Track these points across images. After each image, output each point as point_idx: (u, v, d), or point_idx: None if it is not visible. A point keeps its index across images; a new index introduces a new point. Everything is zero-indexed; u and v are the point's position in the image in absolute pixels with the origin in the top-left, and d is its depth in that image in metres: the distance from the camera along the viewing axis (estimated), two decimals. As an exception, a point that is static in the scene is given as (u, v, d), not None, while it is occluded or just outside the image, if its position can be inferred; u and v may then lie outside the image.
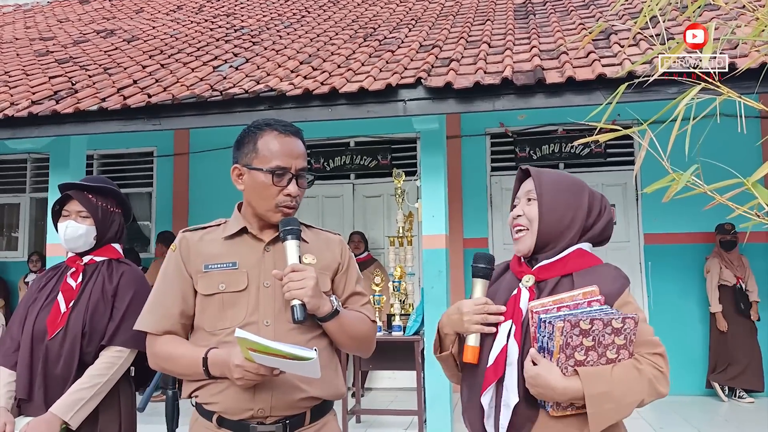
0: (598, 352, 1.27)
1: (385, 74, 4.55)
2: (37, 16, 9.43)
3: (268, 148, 1.56)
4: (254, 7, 8.49)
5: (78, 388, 1.90)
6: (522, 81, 4.08)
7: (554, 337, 1.25)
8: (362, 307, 1.65)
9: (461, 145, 6.45)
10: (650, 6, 1.53)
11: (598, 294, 1.32)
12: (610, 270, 1.42)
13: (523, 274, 1.45)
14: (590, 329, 1.25)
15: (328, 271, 1.61)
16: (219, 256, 1.55)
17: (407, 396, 5.68)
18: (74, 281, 2.03)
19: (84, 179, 2.17)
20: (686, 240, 5.94)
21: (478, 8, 6.87)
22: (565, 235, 1.43)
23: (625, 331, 1.27)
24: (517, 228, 1.48)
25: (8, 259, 7.43)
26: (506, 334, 1.39)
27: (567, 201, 1.45)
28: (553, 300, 1.32)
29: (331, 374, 1.56)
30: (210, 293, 1.53)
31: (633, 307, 1.37)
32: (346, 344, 1.60)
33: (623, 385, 1.27)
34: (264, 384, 1.45)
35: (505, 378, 1.37)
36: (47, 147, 5.25)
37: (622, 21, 5.35)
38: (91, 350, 1.97)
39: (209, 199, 6.76)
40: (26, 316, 2.01)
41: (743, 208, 1.11)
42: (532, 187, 1.47)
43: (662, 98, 3.65)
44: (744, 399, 5.44)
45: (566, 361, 1.26)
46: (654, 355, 1.34)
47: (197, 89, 4.71)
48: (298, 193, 1.58)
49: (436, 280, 4.66)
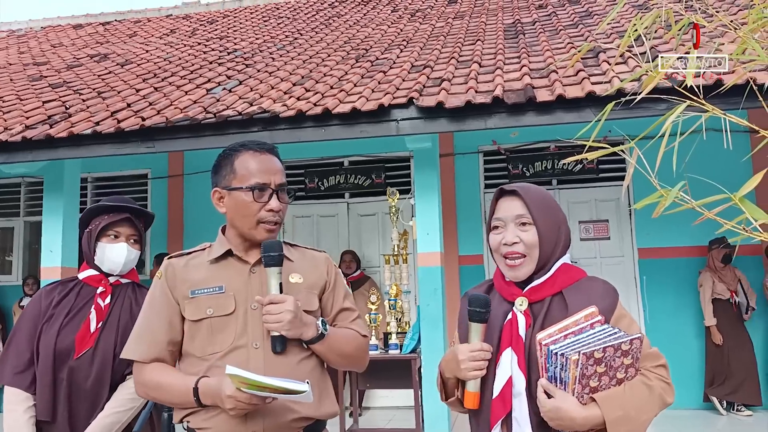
0: (609, 375, 1.28)
1: (378, 94, 4.60)
2: (31, 41, 9.49)
3: (246, 167, 1.57)
4: (247, 29, 8.57)
5: (114, 410, 1.89)
6: (513, 99, 4.13)
7: (568, 369, 1.25)
8: (352, 322, 1.65)
9: (454, 163, 6.49)
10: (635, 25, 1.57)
11: (597, 314, 1.32)
12: (597, 285, 1.42)
13: (514, 296, 1.43)
14: (603, 357, 1.26)
15: (315, 289, 1.62)
16: (205, 281, 1.55)
17: (405, 415, 5.65)
18: (103, 301, 2.02)
19: (110, 199, 2.12)
20: (680, 254, 5.97)
21: (469, 29, 6.96)
22: (555, 253, 1.43)
23: (632, 352, 1.29)
24: (514, 256, 1.42)
25: (2, 283, 7.39)
26: (509, 363, 1.37)
27: (554, 219, 1.45)
28: (558, 329, 1.30)
29: (324, 393, 1.57)
30: (198, 318, 1.52)
31: (628, 319, 1.38)
32: (337, 362, 1.61)
33: (638, 405, 1.28)
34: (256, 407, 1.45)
35: (514, 410, 1.35)
36: (41, 171, 5.26)
37: (610, 40, 5.44)
38: (120, 370, 1.96)
39: (204, 220, 6.73)
40: (41, 334, 1.96)
41: (731, 223, 1.13)
42: (523, 210, 1.43)
43: (651, 115, 3.70)
44: (742, 412, 5.43)
45: (582, 390, 1.27)
46: (658, 367, 1.36)
47: (191, 112, 4.74)
48: (280, 207, 1.59)
49: (431, 297, 4.66)
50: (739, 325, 5.56)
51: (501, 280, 1.49)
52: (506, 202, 1.46)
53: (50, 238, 5.18)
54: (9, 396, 1.93)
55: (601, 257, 6.06)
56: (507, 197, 1.47)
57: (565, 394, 1.27)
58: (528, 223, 1.43)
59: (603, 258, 6.05)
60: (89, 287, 2.06)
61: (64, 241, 5.14)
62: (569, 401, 1.26)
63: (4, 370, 1.97)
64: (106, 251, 2.03)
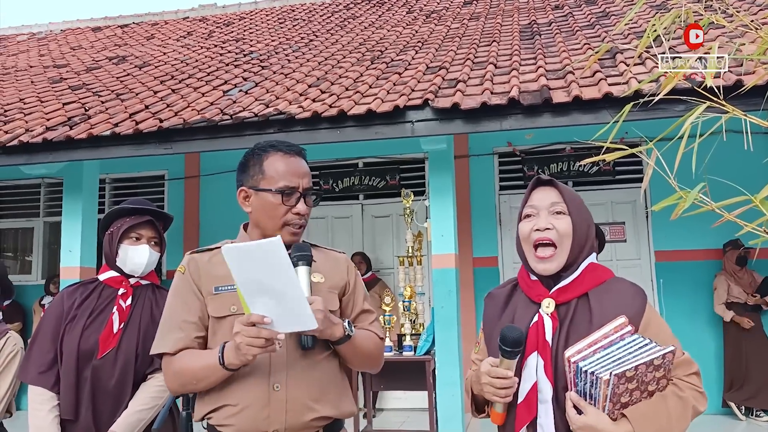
0: (641, 389, 1.25)
1: (393, 96, 4.60)
2: (51, 44, 9.64)
3: (275, 168, 1.58)
4: (263, 32, 8.63)
5: (138, 408, 1.92)
6: (529, 101, 4.11)
7: (599, 387, 1.23)
8: (371, 324, 1.67)
9: (469, 164, 6.47)
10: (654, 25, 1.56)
11: (627, 324, 1.28)
12: (625, 287, 1.38)
13: (540, 297, 1.39)
14: (635, 375, 1.23)
15: (336, 290, 1.62)
16: (228, 278, 1.53)
17: (419, 416, 5.63)
18: (124, 303, 2.05)
19: (131, 201, 2.14)
20: (698, 257, 5.90)
21: (484, 30, 6.95)
22: (585, 250, 1.40)
23: (665, 365, 1.26)
24: (544, 242, 1.38)
25: (22, 282, 7.50)
26: (534, 367, 1.34)
27: (586, 216, 1.43)
28: (587, 343, 1.27)
29: (342, 393, 1.58)
30: (222, 315, 1.53)
31: (657, 323, 1.34)
32: (357, 363, 1.63)
33: (670, 417, 1.26)
34: (278, 405, 1.46)
35: (539, 416, 1.33)
36: (61, 172, 5.33)
37: (627, 40, 5.40)
38: (141, 370, 1.99)
39: (219, 221, 6.80)
40: (64, 334, 1.99)
41: (752, 225, 1.12)
42: (558, 198, 1.41)
43: (669, 116, 3.66)
44: (761, 418, 5.35)
45: (613, 408, 1.25)
46: (690, 375, 1.32)
47: (208, 113, 4.78)
48: (306, 211, 1.60)
49: (446, 299, 4.66)
50: (758, 331, 5.47)
51: (527, 279, 1.46)
52: (541, 192, 1.44)
53: (69, 238, 5.25)
54: (34, 395, 1.96)
55: (618, 260, 6.00)
56: (541, 188, 1.45)
57: (597, 411, 1.24)
58: (562, 213, 1.40)
59: (619, 261, 5.99)
60: (110, 288, 2.08)
61: (83, 242, 5.21)
62: (601, 419, 1.24)
63: (28, 369, 2.00)
64: (129, 253, 2.06)
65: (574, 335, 1.32)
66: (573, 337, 1.32)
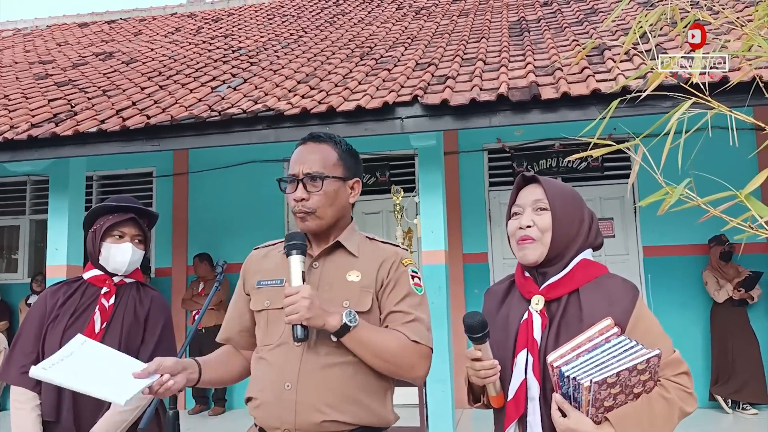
0: (626, 392, 1.24)
1: (382, 92, 4.59)
2: (36, 39, 9.53)
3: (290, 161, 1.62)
4: (251, 28, 8.58)
5: (120, 409, 1.89)
6: (517, 97, 4.12)
7: (581, 392, 1.22)
8: (403, 325, 1.50)
9: (459, 161, 6.48)
10: (640, 22, 1.56)
11: (613, 326, 1.27)
12: (616, 284, 1.38)
13: (531, 293, 1.40)
14: (617, 381, 1.22)
15: (369, 289, 1.53)
16: (272, 272, 1.57)
17: (408, 413, 5.63)
18: (107, 302, 2.03)
19: (114, 199, 2.12)
20: (686, 252, 5.95)
21: (473, 26, 6.95)
22: (572, 247, 1.40)
23: (650, 368, 1.25)
24: (525, 239, 1.41)
25: (8, 281, 7.42)
26: (523, 365, 1.35)
27: (574, 211, 1.43)
28: (571, 347, 1.26)
29: (372, 400, 1.50)
30: (258, 309, 1.57)
31: (646, 323, 1.33)
32: (375, 363, 1.48)
33: (655, 420, 1.25)
34: (288, 405, 1.45)
35: (528, 414, 1.34)
36: (47, 169, 5.28)
37: (615, 37, 5.42)
38: None
39: (209, 218, 6.77)
40: (46, 334, 1.98)
41: (737, 221, 1.12)
42: (541, 196, 1.43)
43: (656, 112, 3.69)
44: (748, 411, 5.41)
45: (596, 412, 1.24)
46: (679, 375, 1.32)
47: (196, 110, 4.75)
48: (304, 196, 1.53)
49: (436, 295, 4.66)
50: (744, 324, 5.53)
51: (520, 276, 1.47)
52: (527, 190, 1.47)
53: (56, 236, 5.20)
54: (16, 395, 1.95)
55: (606, 255, 6.04)
56: (528, 185, 1.48)
57: (580, 415, 1.24)
58: (544, 209, 1.41)
59: (608, 256, 6.03)
60: (94, 287, 2.07)
61: (70, 240, 5.16)
62: (584, 422, 1.24)
63: (10, 369, 1.98)
64: (112, 251, 2.03)
65: (564, 333, 1.32)
66: (563, 334, 1.32)
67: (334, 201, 1.56)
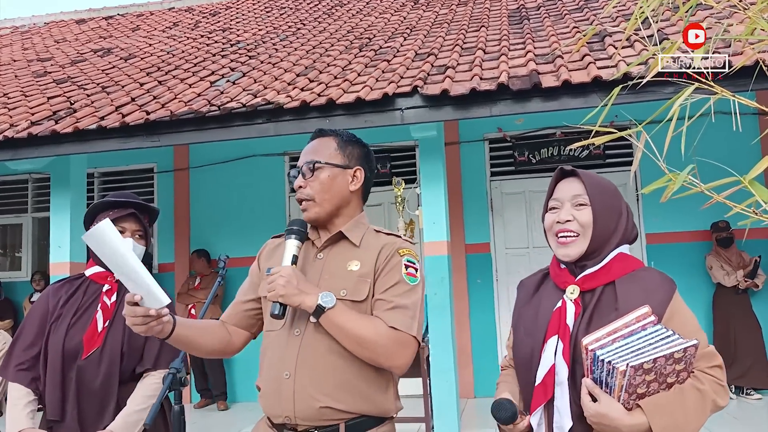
0: (659, 381, 1.24)
1: (382, 84, 4.57)
2: (35, 37, 9.50)
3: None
4: (249, 21, 8.54)
5: (135, 409, 1.90)
6: (518, 86, 4.10)
7: (615, 376, 1.21)
8: (385, 312, 1.49)
9: (460, 151, 6.46)
10: (642, 8, 1.54)
11: (650, 314, 1.25)
12: (652, 276, 1.37)
13: (566, 284, 1.40)
14: (653, 367, 1.20)
15: (367, 278, 1.54)
16: (280, 261, 1.57)
17: (413, 403, 5.64)
18: (109, 300, 2.03)
19: (114, 195, 2.12)
20: (688, 238, 5.94)
21: (473, 15, 6.91)
22: (612, 241, 1.40)
23: (686, 358, 1.23)
24: (565, 233, 1.40)
25: (12, 279, 7.44)
26: (553, 350, 1.34)
27: (612, 205, 1.42)
28: (607, 332, 1.24)
29: (371, 389, 1.51)
30: (265, 295, 1.58)
31: (682, 316, 1.32)
32: (354, 349, 1.46)
33: (688, 411, 1.24)
34: (287, 393, 1.48)
35: (556, 399, 1.33)
36: (48, 167, 5.27)
37: (615, 23, 5.38)
38: (128, 370, 1.97)
39: (210, 212, 6.77)
40: (49, 333, 1.98)
41: (741, 206, 1.11)
42: (580, 191, 1.42)
43: (658, 98, 3.66)
44: (752, 396, 5.42)
45: (628, 398, 1.23)
46: (713, 368, 1.31)
47: (195, 105, 4.73)
48: (302, 184, 1.60)
49: (439, 286, 4.66)
50: (747, 309, 5.53)
51: (556, 268, 1.47)
52: (565, 183, 1.46)
53: (58, 233, 5.20)
54: (12, 392, 1.96)
55: (609, 243, 6.04)
56: (566, 179, 1.47)
57: (610, 400, 1.23)
58: (584, 204, 1.41)
59: (611, 244, 6.03)
60: (96, 284, 2.06)
61: (73, 237, 5.16)
62: (615, 408, 1.22)
63: (8, 366, 1.99)
64: None
65: (597, 321, 1.32)
66: (596, 322, 1.32)
67: (330, 187, 1.59)
